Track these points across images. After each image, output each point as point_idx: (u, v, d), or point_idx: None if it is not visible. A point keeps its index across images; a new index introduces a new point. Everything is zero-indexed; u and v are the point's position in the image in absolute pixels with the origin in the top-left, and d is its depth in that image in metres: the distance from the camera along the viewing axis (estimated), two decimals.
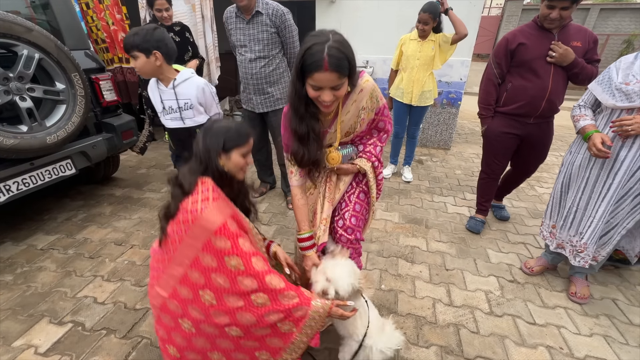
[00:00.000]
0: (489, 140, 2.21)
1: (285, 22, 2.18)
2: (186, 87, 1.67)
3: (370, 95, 1.17)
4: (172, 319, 1.06)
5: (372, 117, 1.24)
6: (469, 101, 6.96)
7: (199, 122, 1.76)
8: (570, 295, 1.78)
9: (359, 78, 1.14)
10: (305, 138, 1.14)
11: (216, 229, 0.93)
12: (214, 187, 1.01)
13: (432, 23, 2.61)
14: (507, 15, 12.46)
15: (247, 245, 0.97)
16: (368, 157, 1.30)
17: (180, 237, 0.97)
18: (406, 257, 2.12)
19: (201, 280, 0.98)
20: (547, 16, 1.75)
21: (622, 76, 1.44)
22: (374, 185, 1.34)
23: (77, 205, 2.69)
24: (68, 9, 2.29)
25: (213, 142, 1.02)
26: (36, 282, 1.85)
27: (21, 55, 1.78)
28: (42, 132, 1.90)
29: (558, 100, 1.93)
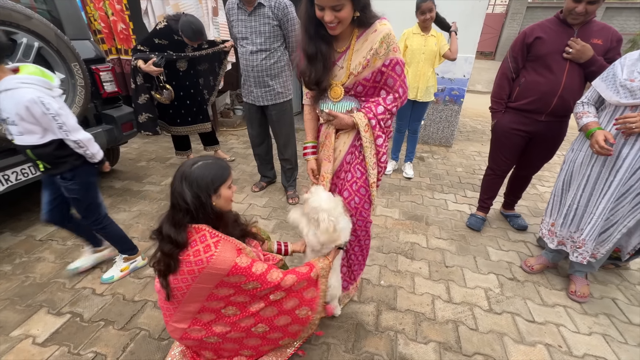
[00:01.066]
0: (497, 135, 2.16)
1: (287, 14, 2.15)
2: (5, 100, 1.26)
3: (383, 38, 1.12)
4: (196, 341, 1.11)
5: (379, 65, 1.16)
6: (472, 99, 6.92)
7: (28, 142, 1.35)
8: (570, 294, 1.77)
9: (378, 20, 1.13)
10: (313, 58, 1.18)
11: (227, 272, 0.98)
12: (211, 231, 1.01)
13: (435, 9, 2.56)
14: (512, 13, 12.35)
15: (260, 267, 1.04)
16: (366, 112, 1.22)
17: (187, 285, 0.99)
18: (406, 253, 2.11)
19: (221, 304, 1.06)
20: (573, 10, 1.68)
21: (626, 73, 1.42)
22: (369, 147, 1.25)
23: None
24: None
25: (202, 188, 0.99)
26: (35, 272, 1.84)
27: (20, 43, 1.76)
28: None
29: (572, 98, 1.82)
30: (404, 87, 1.22)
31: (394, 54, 1.15)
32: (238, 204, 2.63)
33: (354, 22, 1.13)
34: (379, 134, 1.25)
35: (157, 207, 2.56)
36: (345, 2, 1.03)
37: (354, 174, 1.32)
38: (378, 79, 1.20)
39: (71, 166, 1.48)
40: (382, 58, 1.15)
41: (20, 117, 1.28)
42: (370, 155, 1.27)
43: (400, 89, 1.21)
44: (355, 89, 1.23)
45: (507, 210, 2.54)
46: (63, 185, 1.51)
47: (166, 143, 3.90)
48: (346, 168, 1.34)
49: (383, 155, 1.30)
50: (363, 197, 1.34)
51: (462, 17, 3.45)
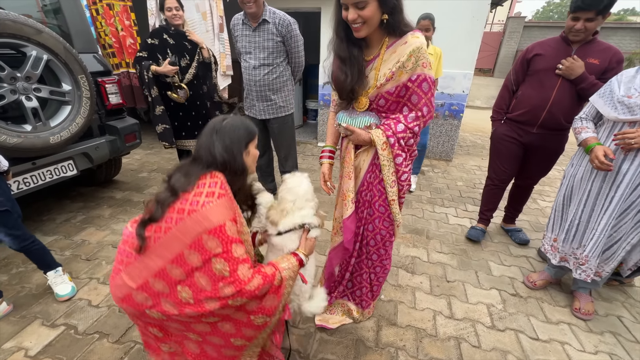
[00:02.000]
0: (493, 142, 2.26)
1: (291, 32, 2.21)
2: None
3: (412, 52, 1.06)
4: (136, 310, 0.94)
5: (404, 79, 1.09)
6: (471, 114, 7.01)
7: None
8: (574, 311, 1.74)
9: (410, 32, 1.09)
10: (346, 62, 1.15)
11: (211, 228, 0.86)
12: (224, 183, 0.94)
13: (432, 30, 2.64)
14: (509, 32, 12.66)
15: (239, 251, 0.91)
16: (385, 129, 1.16)
17: (166, 228, 0.88)
18: (407, 267, 2.08)
19: (182, 277, 0.89)
20: (572, 28, 1.74)
21: (624, 89, 1.44)
22: (386, 165, 1.20)
23: (77, 207, 2.68)
24: (78, 13, 2.33)
25: (234, 141, 0.98)
26: (30, 283, 1.82)
27: (30, 56, 1.80)
28: (46, 132, 1.91)
29: (562, 113, 1.88)
30: (429, 107, 1.14)
31: (423, 69, 1.08)
32: None
33: (383, 28, 1.09)
34: (398, 153, 1.19)
35: None
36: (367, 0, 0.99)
37: (375, 193, 1.30)
38: (402, 94, 1.13)
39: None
40: (409, 72, 1.08)
41: None
42: (389, 173, 1.22)
43: (425, 108, 1.14)
44: (377, 102, 1.18)
45: (508, 224, 2.52)
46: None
47: (168, 155, 3.93)
48: (368, 187, 1.32)
49: (404, 174, 1.24)
50: (382, 216, 1.32)
51: (461, 35, 3.55)
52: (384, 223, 1.34)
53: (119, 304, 0.95)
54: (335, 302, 1.63)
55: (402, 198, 1.31)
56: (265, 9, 2.17)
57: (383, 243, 1.40)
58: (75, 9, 2.30)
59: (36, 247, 1.63)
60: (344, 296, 1.62)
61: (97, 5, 3.42)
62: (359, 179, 1.32)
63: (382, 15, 1.05)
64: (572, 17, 1.72)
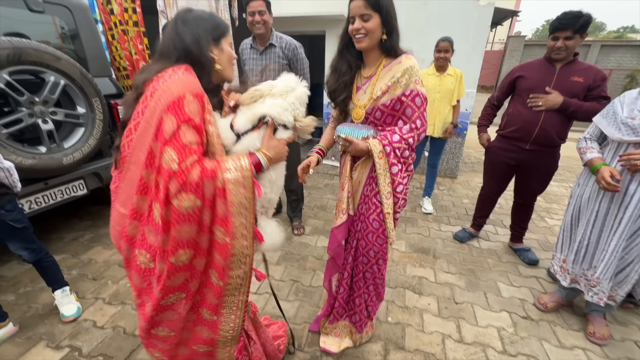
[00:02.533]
0: (487, 157, 2.40)
1: (297, 55, 2.29)
2: None
3: (406, 70, 1.16)
4: (129, 246, 0.88)
5: (398, 93, 1.18)
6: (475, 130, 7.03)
7: None
8: (588, 335, 1.68)
9: (404, 54, 1.19)
10: (338, 72, 1.29)
11: (171, 101, 0.76)
12: (189, 69, 0.85)
13: (452, 51, 2.69)
14: (510, 50, 12.89)
15: (189, 137, 0.78)
16: (381, 139, 1.21)
17: (136, 124, 0.81)
18: (414, 288, 2.05)
19: (152, 185, 0.80)
20: (553, 47, 1.85)
21: (627, 111, 1.46)
22: (382, 174, 1.23)
23: (85, 226, 2.71)
24: (94, 39, 2.45)
25: (200, 30, 0.87)
26: (37, 302, 1.83)
27: (48, 82, 1.89)
28: (60, 153, 1.97)
29: (554, 129, 1.96)
30: (422, 120, 1.22)
31: (415, 85, 1.17)
32: None
33: (381, 48, 1.19)
34: (393, 162, 1.22)
35: None
36: (373, 13, 1.10)
37: (370, 206, 1.31)
38: (397, 107, 1.21)
39: (9, 196, 1.51)
40: (403, 87, 1.17)
41: None
42: (385, 183, 1.24)
43: (418, 121, 1.21)
44: (374, 115, 1.25)
45: (516, 243, 2.49)
46: (9, 218, 1.50)
47: None
48: (365, 201, 1.34)
49: (399, 185, 1.26)
50: (376, 231, 1.32)
51: (462, 56, 3.62)
52: (377, 239, 1.34)
53: (117, 242, 0.89)
54: (338, 323, 1.61)
55: (397, 213, 1.32)
56: (273, 34, 2.27)
57: (376, 260, 1.39)
58: (91, 35, 2.42)
59: (49, 260, 1.70)
60: (347, 317, 1.60)
61: (113, 30, 3.59)
62: (358, 193, 1.35)
63: (382, 34, 1.16)
64: (552, 37, 1.86)
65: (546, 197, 3.67)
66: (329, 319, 1.60)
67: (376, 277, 1.43)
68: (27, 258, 1.63)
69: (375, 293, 1.48)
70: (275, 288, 1.99)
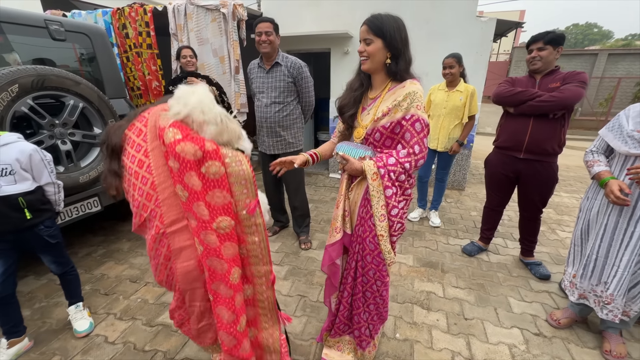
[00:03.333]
0: (486, 174, 2.47)
1: (301, 74, 2.38)
2: (5, 152, 1.45)
3: (408, 94, 1.18)
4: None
5: (399, 117, 1.19)
6: (482, 141, 7.01)
7: (21, 190, 1.50)
8: (604, 354, 1.63)
9: (410, 80, 1.22)
10: (352, 89, 1.36)
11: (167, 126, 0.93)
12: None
13: (458, 67, 2.73)
14: (515, 60, 12.92)
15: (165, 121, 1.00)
16: (376, 160, 1.22)
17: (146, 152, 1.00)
18: (422, 303, 2.03)
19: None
20: (529, 58, 2.03)
21: (632, 124, 1.46)
22: (375, 196, 1.23)
23: (98, 241, 2.78)
24: (111, 62, 2.59)
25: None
26: (52, 318, 1.87)
27: (68, 105, 2.00)
28: (77, 172, 2.06)
29: (544, 137, 2.02)
30: (421, 146, 1.20)
31: (417, 110, 1.18)
32: None
33: (387, 71, 1.23)
34: (387, 185, 1.22)
35: None
36: (374, 38, 1.17)
37: (366, 229, 1.31)
38: (397, 130, 1.22)
39: (51, 213, 1.65)
40: (403, 111, 1.18)
41: (21, 165, 1.48)
42: (378, 206, 1.24)
43: (417, 147, 1.19)
44: (374, 136, 1.27)
45: (527, 257, 2.45)
46: (47, 234, 1.61)
47: None
48: (361, 222, 1.34)
49: (394, 209, 1.24)
50: (372, 253, 1.32)
51: (467, 69, 3.66)
52: (374, 260, 1.33)
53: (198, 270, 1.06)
54: (341, 338, 1.60)
55: (393, 236, 1.30)
56: (279, 54, 2.36)
57: (375, 281, 1.38)
58: (108, 59, 2.55)
59: (73, 274, 1.83)
60: (350, 333, 1.59)
61: (128, 53, 3.78)
62: (355, 213, 1.37)
63: (386, 58, 1.20)
64: (528, 51, 2.05)
65: (557, 209, 3.61)
66: (330, 333, 1.60)
67: (376, 297, 1.42)
68: (55, 270, 1.75)
69: (376, 312, 1.47)
70: (282, 304, 2.00)
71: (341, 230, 1.37)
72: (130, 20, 3.63)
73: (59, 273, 1.76)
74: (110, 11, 3.72)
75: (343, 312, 1.52)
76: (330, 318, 1.60)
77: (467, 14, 3.54)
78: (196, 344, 1.46)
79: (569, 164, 5.73)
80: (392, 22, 1.17)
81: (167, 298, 2.04)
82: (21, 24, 2.04)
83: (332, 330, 1.60)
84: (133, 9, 3.60)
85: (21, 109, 1.78)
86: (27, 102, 1.80)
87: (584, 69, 12.13)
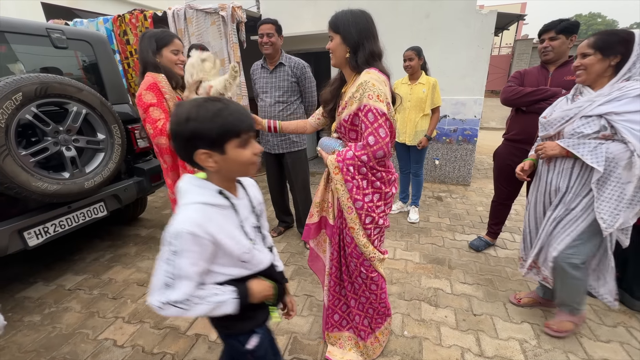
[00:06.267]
0: (495, 162, 2.42)
1: (305, 74, 2.39)
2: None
3: (360, 84, 1.17)
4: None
5: (354, 108, 1.20)
6: (487, 136, 6.94)
7: None
8: (545, 326, 1.75)
9: (366, 71, 1.21)
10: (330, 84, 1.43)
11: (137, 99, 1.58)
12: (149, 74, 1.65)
13: (418, 60, 2.74)
14: (518, 54, 12.79)
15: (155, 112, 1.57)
16: (337, 154, 1.26)
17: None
18: (429, 300, 2.01)
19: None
20: (541, 49, 1.99)
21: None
22: (340, 188, 1.25)
23: (105, 246, 2.81)
24: (113, 68, 2.61)
25: (144, 45, 1.59)
26: (61, 323, 1.89)
27: (71, 112, 2.01)
28: (82, 178, 2.08)
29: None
30: (376, 137, 1.15)
31: (368, 100, 1.14)
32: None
33: (350, 65, 1.26)
34: (347, 178, 1.23)
35: None
36: (333, 34, 1.23)
37: (344, 220, 1.34)
38: (356, 122, 1.23)
39: None
40: (358, 102, 1.18)
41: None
42: (343, 198, 1.26)
43: (371, 137, 1.15)
44: (341, 130, 1.32)
45: None
46: None
47: None
48: (339, 214, 1.37)
49: (357, 202, 1.25)
50: (350, 244, 1.35)
51: (468, 63, 3.65)
52: (353, 252, 1.36)
53: None
54: (340, 334, 1.60)
55: (367, 229, 1.29)
56: (282, 54, 2.38)
57: (359, 273, 1.39)
58: (110, 66, 2.57)
59: None
60: (350, 328, 1.59)
61: (129, 59, 3.81)
62: (336, 205, 1.39)
63: (346, 52, 1.23)
64: (539, 40, 1.99)
65: None
66: (327, 327, 1.61)
67: (365, 290, 1.43)
68: None
69: (369, 305, 1.48)
70: None
71: (316, 215, 1.49)
72: (131, 27, 3.66)
73: None
74: (112, 18, 3.76)
75: (333, 301, 1.53)
76: (324, 312, 1.61)
77: (467, 7, 3.50)
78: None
79: None
80: (348, 17, 1.20)
81: None
82: (24, 33, 2.06)
83: (328, 323, 1.60)
84: (134, 16, 3.64)
85: (25, 116, 1.80)
86: (31, 109, 1.82)
87: None
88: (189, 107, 0.74)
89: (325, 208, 1.48)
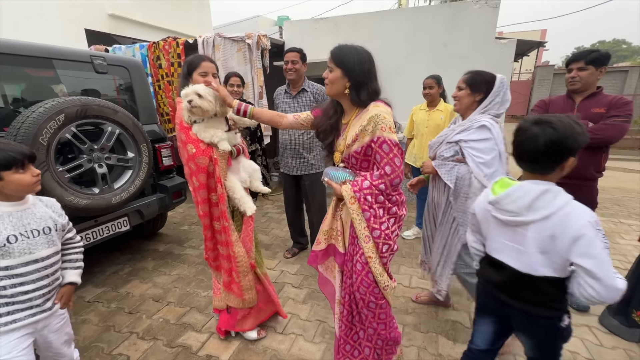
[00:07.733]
0: None
1: (326, 99, 2.47)
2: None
3: (371, 118, 1.20)
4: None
5: (367, 141, 1.23)
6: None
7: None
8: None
9: (373, 103, 1.25)
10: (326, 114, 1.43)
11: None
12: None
13: (437, 88, 2.82)
14: (539, 79, 12.68)
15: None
16: (352, 185, 1.27)
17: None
18: (447, 334, 1.93)
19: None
20: (568, 78, 1.93)
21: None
22: (356, 218, 1.26)
23: (125, 259, 2.89)
24: (145, 91, 2.79)
25: (182, 71, 1.79)
26: (79, 335, 1.93)
27: (106, 131, 2.16)
28: (110, 193, 2.19)
29: (583, 166, 1.75)
30: (392, 166, 1.21)
31: (382, 132, 1.19)
32: (270, 270, 2.65)
33: (350, 100, 1.29)
34: (365, 208, 1.25)
35: (195, 271, 2.66)
36: (334, 67, 1.26)
37: (355, 248, 1.33)
38: (369, 153, 1.26)
39: None
40: (370, 135, 1.22)
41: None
42: (360, 227, 1.26)
43: (387, 167, 1.21)
44: (350, 161, 1.33)
45: None
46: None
47: None
48: (352, 242, 1.36)
49: (375, 230, 1.25)
50: (360, 273, 1.32)
51: None
52: (362, 281, 1.32)
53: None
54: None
55: (383, 257, 1.29)
56: (305, 81, 2.50)
57: (367, 303, 1.35)
58: (143, 89, 2.76)
59: None
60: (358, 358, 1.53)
61: (160, 82, 4.07)
62: (347, 234, 1.39)
63: (345, 87, 1.26)
64: (567, 69, 1.94)
65: None
66: (339, 358, 1.56)
67: (373, 319, 1.38)
68: None
69: (376, 336, 1.42)
70: (300, 328, 1.97)
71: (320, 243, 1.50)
72: (164, 52, 3.93)
73: None
74: (147, 45, 4.06)
75: (345, 331, 1.49)
76: (335, 341, 1.57)
77: (485, 37, 3.56)
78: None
79: (604, 185, 5.40)
80: (353, 54, 1.23)
81: (188, 319, 2.06)
82: (70, 59, 2.27)
83: (339, 353, 1.55)
84: (167, 42, 3.92)
85: (65, 135, 1.94)
86: (70, 129, 1.97)
87: (614, 86, 11.68)
88: None
89: (335, 236, 1.47)
